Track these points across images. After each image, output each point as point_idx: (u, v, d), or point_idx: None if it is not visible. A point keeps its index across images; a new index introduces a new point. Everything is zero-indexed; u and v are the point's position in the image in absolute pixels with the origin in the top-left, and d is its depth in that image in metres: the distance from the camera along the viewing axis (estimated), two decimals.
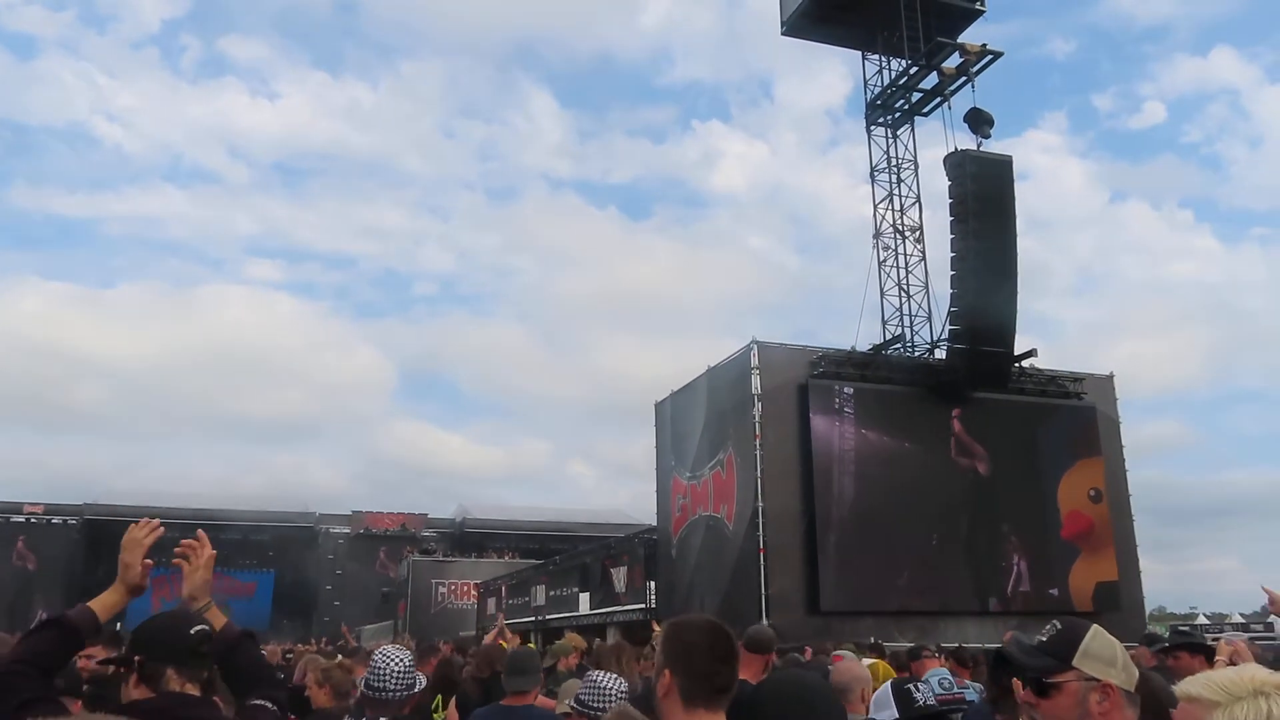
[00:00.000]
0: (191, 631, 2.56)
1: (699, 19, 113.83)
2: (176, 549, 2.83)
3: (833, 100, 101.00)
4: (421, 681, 4.07)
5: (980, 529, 19.36)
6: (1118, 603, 19.62)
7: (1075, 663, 2.14)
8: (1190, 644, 5.86)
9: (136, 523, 2.76)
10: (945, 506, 19.21)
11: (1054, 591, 19.52)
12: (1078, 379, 21.57)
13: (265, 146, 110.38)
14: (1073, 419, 20.87)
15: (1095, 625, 2.25)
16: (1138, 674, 2.22)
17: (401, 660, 3.90)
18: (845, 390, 19.06)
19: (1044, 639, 2.25)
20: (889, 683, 4.35)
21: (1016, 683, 2.24)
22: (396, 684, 3.85)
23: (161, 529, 2.76)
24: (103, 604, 2.60)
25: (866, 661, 6.21)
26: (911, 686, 4.46)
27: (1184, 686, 1.73)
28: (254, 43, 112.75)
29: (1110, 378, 22.20)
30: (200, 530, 2.87)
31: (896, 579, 18.36)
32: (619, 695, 4.25)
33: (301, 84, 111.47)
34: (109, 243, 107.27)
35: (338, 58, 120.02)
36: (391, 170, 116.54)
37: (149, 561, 2.69)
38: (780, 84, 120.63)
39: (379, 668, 3.89)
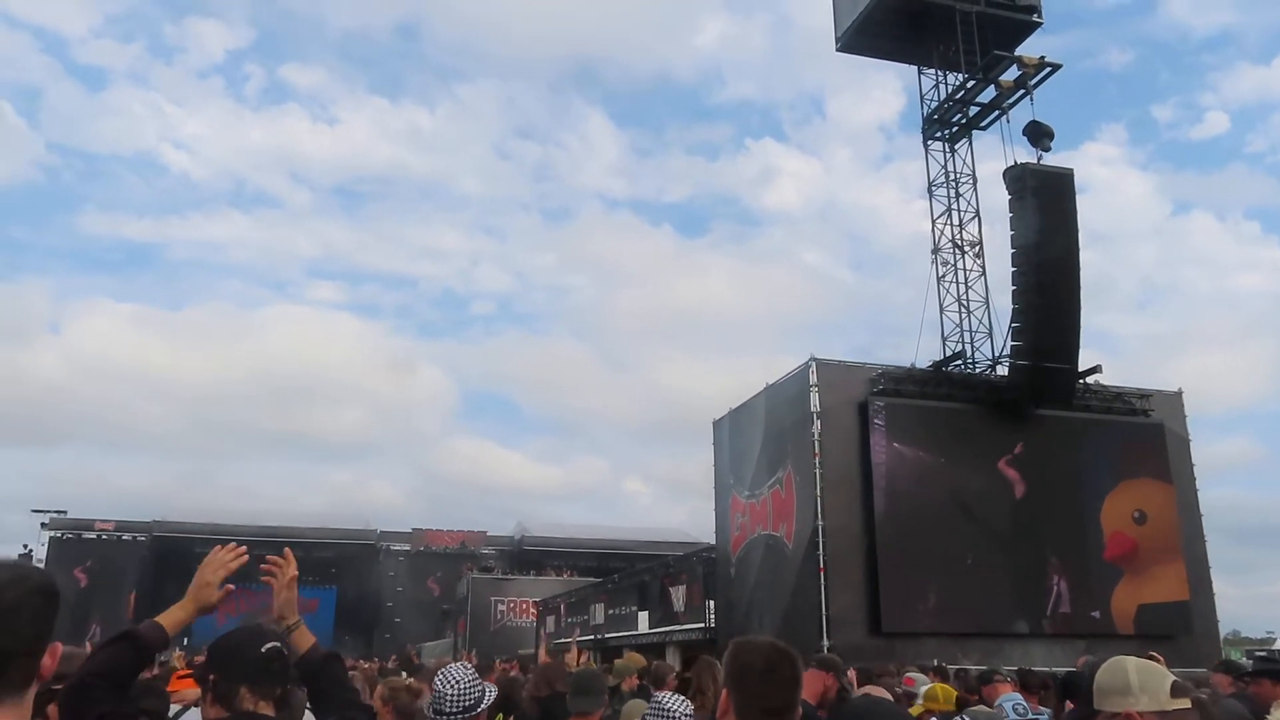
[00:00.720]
0: (263, 649, 2.55)
1: (752, 37, 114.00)
2: (263, 565, 2.85)
3: (885, 116, 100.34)
4: (488, 698, 4.09)
5: (1028, 550, 18.92)
6: (1189, 626, 19.00)
7: (1096, 705, 2.19)
8: (1273, 671, 5.67)
9: (223, 545, 2.79)
10: (1003, 526, 18.86)
11: (1095, 614, 19.00)
12: (1145, 395, 21.01)
13: (325, 171, 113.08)
14: (1114, 437, 20.25)
15: (1111, 659, 2.28)
16: (1167, 688, 2.16)
17: (457, 683, 3.92)
18: (894, 406, 18.86)
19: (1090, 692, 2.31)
20: None
21: None
22: (452, 706, 3.88)
23: (246, 556, 2.77)
24: (171, 619, 2.63)
25: (924, 685, 6.12)
26: (961, 718, 4.39)
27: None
28: (314, 70, 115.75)
29: (1179, 394, 21.57)
30: (286, 548, 2.90)
31: (955, 600, 18.02)
32: (684, 715, 4.26)
33: (360, 109, 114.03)
34: (176, 266, 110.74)
35: (395, 83, 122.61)
36: (448, 192, 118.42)
37: (230, 586, 2.71)
38: (833, 101, 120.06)
39: (438, 691, 3.93)
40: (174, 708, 4.32)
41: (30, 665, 1.65)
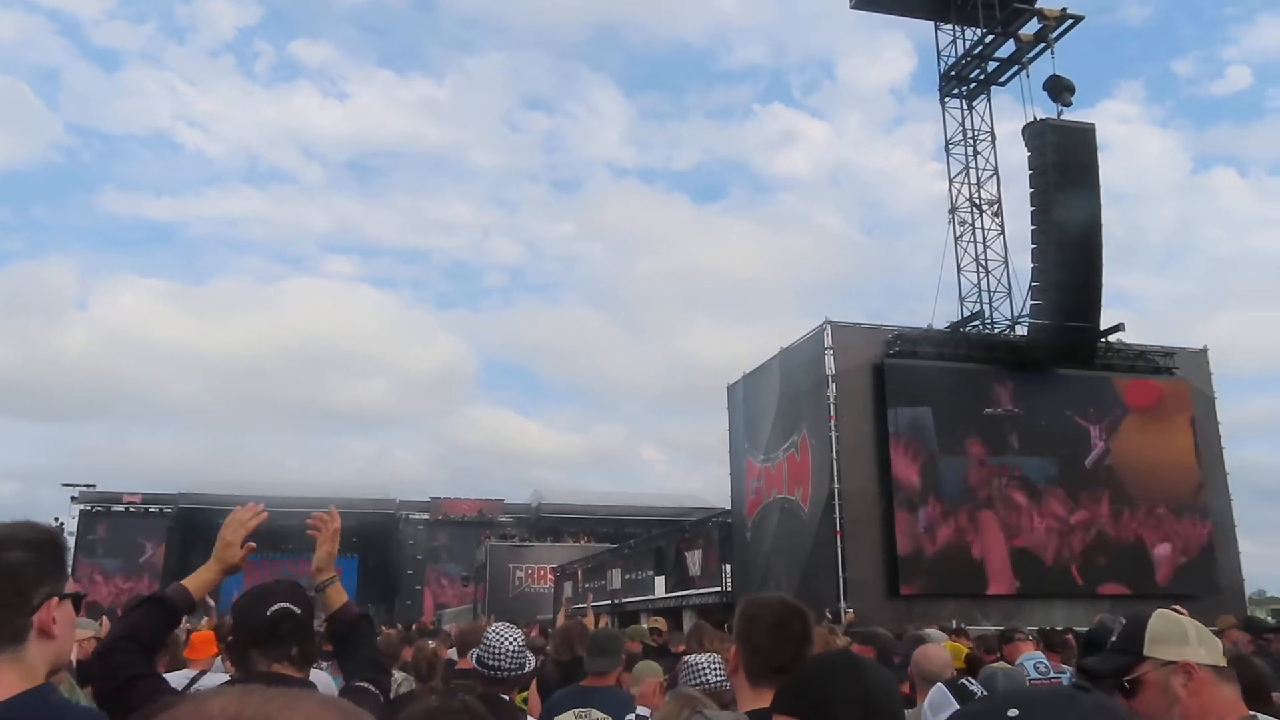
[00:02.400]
0: (268, 612, 2.50)
1: (763, 1, 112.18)
2: (309, 520, 2.88)
3: (896, 78, 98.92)
4: (532, 662, 4.09)
5: (1050, 506, 18.79)
6: (1216, 585, 18.88)
7: (1147, 653, 2.11)
8: None
9: (243, 505, 2.79)
10: (1025, 483, 18.73)
11: (1134, 570, 18.93)
12: (1169, 353, 20.75)
13: (337, 146, 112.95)
14: (1134, 393, 19.94)
15: (1159, 609, 2.24)
16: (1222, 649, 2.15)
17: (515, 640, 3.92)
18: (910, 367, 18.70)
19: (1114, 639, 2.21)
20: (939, 685, 4.23)
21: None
22: (510, 663, 3.88)
23: (265, 514, 2.78)
24: (197, 581, 2.64)
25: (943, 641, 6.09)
26: (966, 681, 4.34)
27: None
28: (322, 45, 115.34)
29: (1204, 351, 21.31)
30: (333, 507, 2.92)
31: (974, 561, 17.99)
32: (712, 667, 4.23)
33: (369, 83, 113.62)
34: (195, 243, 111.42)
35: (403, 56, 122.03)
36: (458, 165, 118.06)
37: (251, 545, 2.71)
38: (843, 63, 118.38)
39: (493, 646, 3.90)
40: (190, 674, 4.31)
41: (16, 620, 1.63)
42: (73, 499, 53.32)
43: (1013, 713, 0.95)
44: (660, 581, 25.90)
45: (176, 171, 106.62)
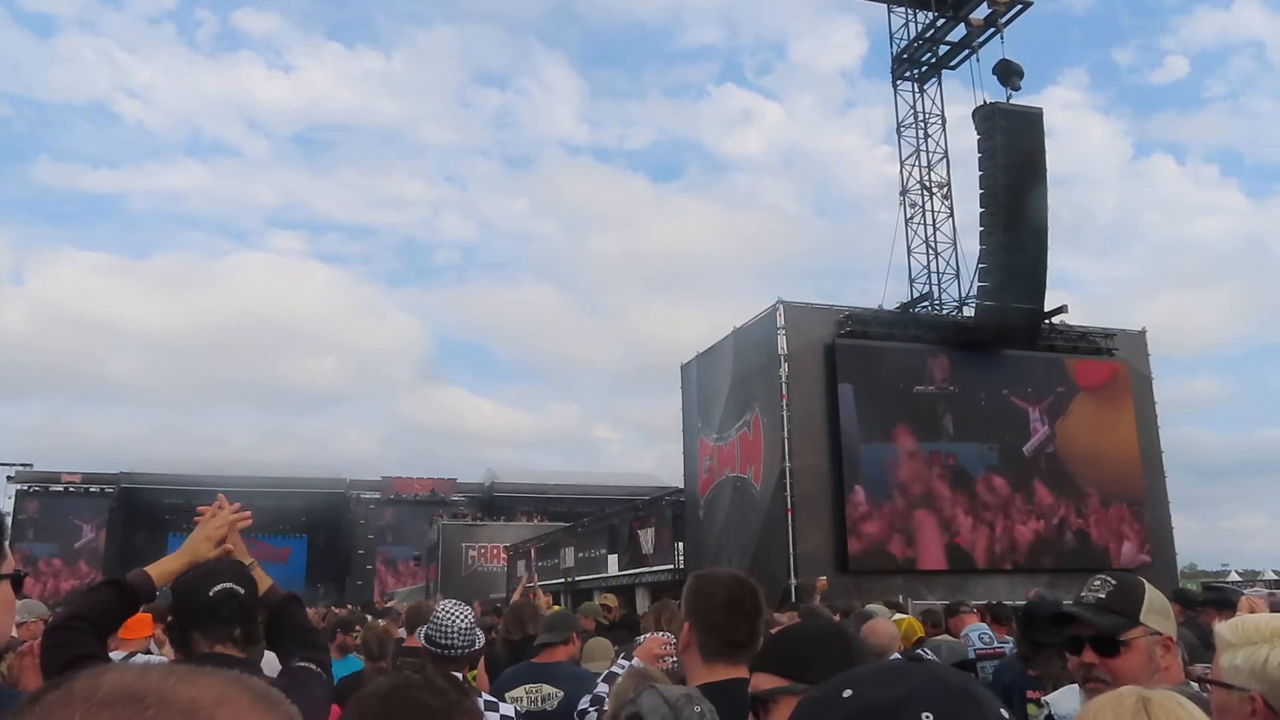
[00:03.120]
0: (210, 593, 2.47)
1: None
2: (195, 518, 2.80)
3: (847, 61, 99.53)
4: (482, 639, 4.08)
5: (994, 485, 19.21)
6: (1150, 560, 19.47)
7: (1143, 619, 2.17)
8: (1219, 600, 5.88)
9: (230, 504, 2.76)
10: (968, 463, 19.10)
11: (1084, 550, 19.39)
12: (1109, 335, 21.26)
13: (283, 119, 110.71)
14: (1077, 374, 20.38)
15: (1142, 579, 2.32)
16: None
17: (465, 616, 3.90)
18: (860, 348, 18.90)
19: (1102, 596, 2.23)
20: (896, 656, 4.31)
21: (1087, 652, 2.20)
22: (462, 640, 3.85)
23: (250, 519, 2.78)
24: (161, 570, 2.61)
25: (895, 617, 6.22)
26: (922, 651, 4.44)
27: (1218, 627, 1.91)
28: (267, 15, 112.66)
29: (1143, 333, 21.86)
30: (221, 494, 2.83)
31: (923, 537, 18.34)
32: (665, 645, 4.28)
33: (315, 55, 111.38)
34: (134, 218, 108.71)
35: (351, 28, 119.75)
36: (408, 140, 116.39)
37: (228, 546, 2.68)
38: (795, 46, 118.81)
39: (443, 624, 3.85)
40: (121, 655, 4.23)
41: None
42: (9, 478, 51.94)
43: (847, 693, 0.94)
44: (613, 560, 25.99)
45: (115, 142, 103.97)
